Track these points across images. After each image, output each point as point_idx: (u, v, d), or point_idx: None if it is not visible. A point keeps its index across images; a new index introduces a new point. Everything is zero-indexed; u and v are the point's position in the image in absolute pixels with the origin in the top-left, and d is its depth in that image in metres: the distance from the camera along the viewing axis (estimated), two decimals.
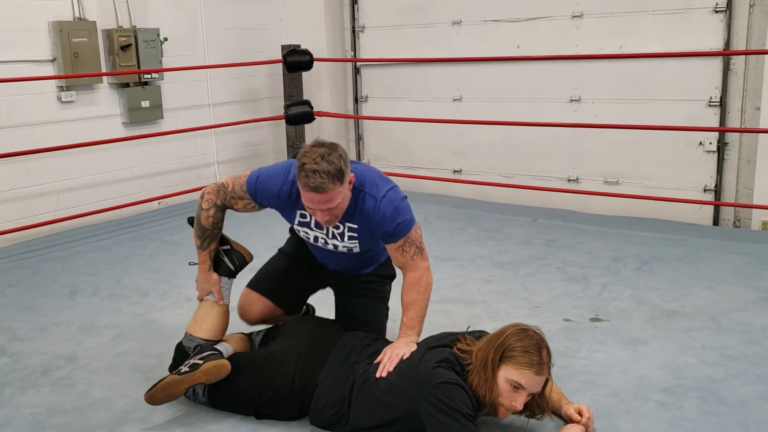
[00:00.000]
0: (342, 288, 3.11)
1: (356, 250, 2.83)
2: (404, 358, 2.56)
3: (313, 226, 2.79)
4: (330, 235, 2.79)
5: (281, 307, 3.06)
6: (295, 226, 2.86)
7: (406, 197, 2.75)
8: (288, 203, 2.75)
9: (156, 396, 2.66)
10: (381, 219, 2.66)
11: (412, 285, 2.74)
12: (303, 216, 2.78)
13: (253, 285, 3.09)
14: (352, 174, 2.61)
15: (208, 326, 2.88)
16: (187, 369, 2.66)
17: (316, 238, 2.84)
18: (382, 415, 2.49)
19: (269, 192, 2.75)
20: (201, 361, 2.67)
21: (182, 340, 2.91)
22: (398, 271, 2.92)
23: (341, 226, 2.75)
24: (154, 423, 2.71)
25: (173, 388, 2.66)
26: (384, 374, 2.53)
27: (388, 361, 2.57)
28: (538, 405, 2.48)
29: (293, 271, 3.09)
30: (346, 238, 2.77)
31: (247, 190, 2.78)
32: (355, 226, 2.73)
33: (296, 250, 3.11)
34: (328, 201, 2.52)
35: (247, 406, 2.70)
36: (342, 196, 2.56)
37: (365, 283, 3.06)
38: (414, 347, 2.62)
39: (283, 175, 2.73)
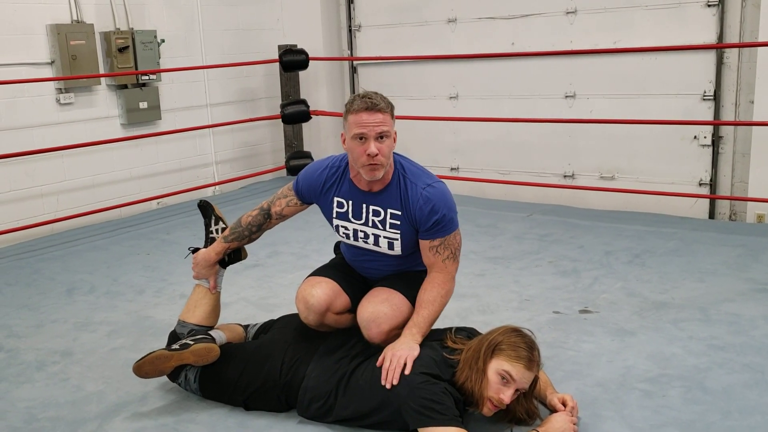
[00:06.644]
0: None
1: (397, 247, 2.70)
2: (407, 365, 2.43)
3: (351, 216, 2.73)
4: (370, 224, 2.70)
5: (345, 290, 2.83)
6: (335, 222, 2.79)
7: (452, 195, 2.70)
8: (326, 187, 2.77)
9: (143, 368, 2.71)
10: (423, 206, 2.59)
11: (434, 284, 2.62)
12: (340, 205, 2.74)
13: (313, 273, 2.93)
14: (395, 132, 2.64)
15: (201, 313, 2.94)
16: (178, 347, 2.72)
17: (356, 233, 2.75)
18: (366, 405, 2.52)
19: (309, 177, 2.81)
20: (192, 342, 2.73)
21: (175, 327, 2.97)
22: None
23: (382, 212, 2.68)
24: (145, 414, 2.76)
25: (161, 363, 2.71)
26: (389, 385, 2.43)
27: (391, 369, 2.45)
28: (524, 408, 2.51)
29: (349, 267, 2.96)
30: (387, 226, 2.67)
31: (293, 185, 2.87)
32: (398, 213, 2.65)
33: (342, 260, 3.01)
34: (380, 123, 2.53)
35: (235, 396, 2.74)
36: (391, 131, 2.58)
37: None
38: (416, 351, 2.49)
39: (325, 162, 2.82)
